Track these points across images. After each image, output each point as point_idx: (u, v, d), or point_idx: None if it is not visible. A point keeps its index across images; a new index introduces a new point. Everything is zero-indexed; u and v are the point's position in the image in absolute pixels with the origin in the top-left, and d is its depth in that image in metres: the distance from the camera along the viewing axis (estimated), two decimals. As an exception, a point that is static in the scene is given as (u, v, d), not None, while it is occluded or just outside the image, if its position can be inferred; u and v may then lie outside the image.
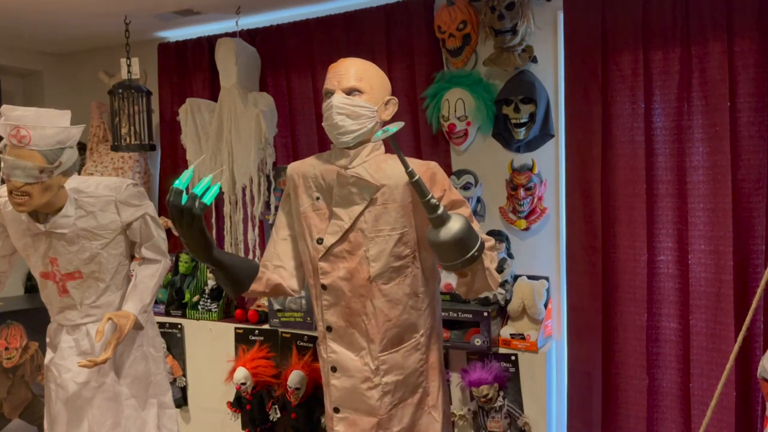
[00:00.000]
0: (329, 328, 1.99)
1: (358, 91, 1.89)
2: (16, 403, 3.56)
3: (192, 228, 1.71)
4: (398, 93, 3.01)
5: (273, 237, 2.09)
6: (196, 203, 1.68)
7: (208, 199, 1.69)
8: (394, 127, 1.65)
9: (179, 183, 1.68)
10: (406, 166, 1.66)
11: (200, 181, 1.71)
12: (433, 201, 1.66)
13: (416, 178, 1.65)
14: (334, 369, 1.99)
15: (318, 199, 1.97)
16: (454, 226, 1.65)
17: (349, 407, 1.99)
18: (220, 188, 1.78)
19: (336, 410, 2.01)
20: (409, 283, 1.95)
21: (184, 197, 1.69)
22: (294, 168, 2.05)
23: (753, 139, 2.48)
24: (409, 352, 1.97)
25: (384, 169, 1.91)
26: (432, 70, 3.06)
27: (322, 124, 1.94)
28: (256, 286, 1.98)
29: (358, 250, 1.91)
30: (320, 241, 1.95)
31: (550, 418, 2.83)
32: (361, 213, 1.90)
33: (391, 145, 1.64)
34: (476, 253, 1.69)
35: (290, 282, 2.05)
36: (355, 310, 1.94)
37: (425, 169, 1.89)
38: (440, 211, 1.66)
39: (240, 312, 3.44)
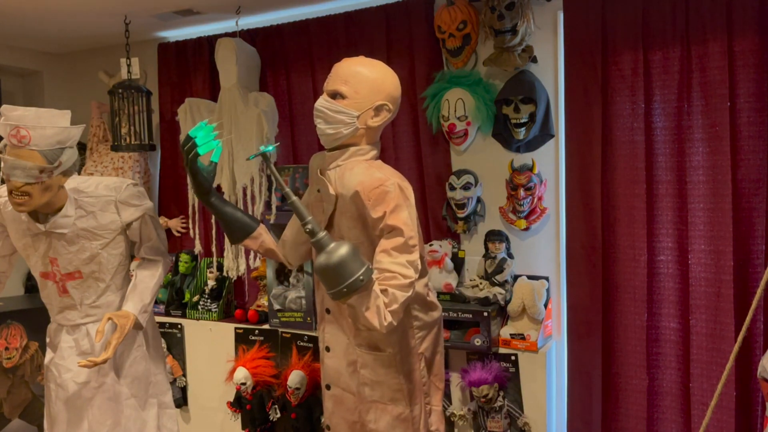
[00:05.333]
0: (328, 311, 2.05)
1: (340, 95, 1.89)
2: (16, 403, 3.56)
3: (187, 165, 1.94)
4: (398, 93, 3.01)
5: None
6: (193, 150, 1.90)
7: (205, 148, 1.90)
8: (267, 148, 1.66)
9: (192, 132, 1.91)
10: (281, 187, 1.68)
11: (207, 136, 1.91)
12: (309, 227, 1.65)
13: (291, 200, 1.66)
14: (328, 349, 2.07)
15: (318, 191, 2.03)
16: (332, 254, 1.63)
17: (338, 385, 2.06)
18: (222, 145, 1.99)
19: (327, 387, 2.09)
20: None
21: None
22: (312, 157, 2.13)
23: (753, 139, 2.48)
24: (382, 362, 1.97)
25: (346, 177, 1.90)
26: (432, 70, 3.06)
27: None
28: (249, 243, 2.16)
29: None
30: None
31: (550, 418, 2.83)
32: (331, 215, 1.95)
33: (266, 165, 1.68)
34: (344, 289, 1.64)
35: (288, 253, 2.21)
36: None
37: (378, 184, 1.82)
38: (318, 236, 1.65)
39: (240, 312, 3.44)
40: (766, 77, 2.44)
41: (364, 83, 1.89)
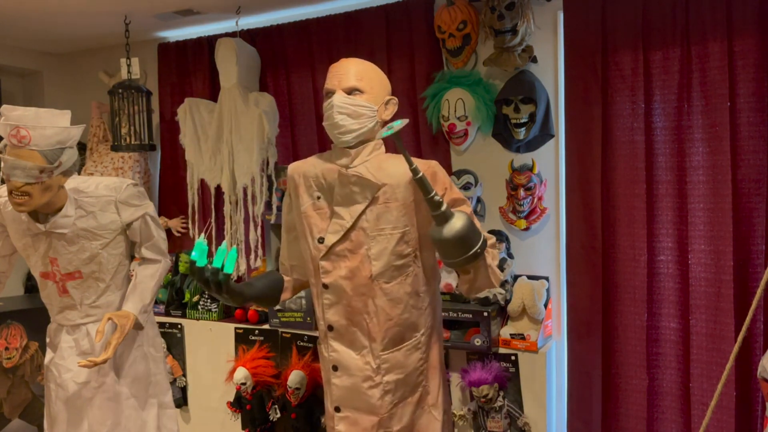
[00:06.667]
0: (330, 327, 2.00)
1: (358, 91, 1.90)
2: (16, 403, 3.56)
3: (223, 293, 1.84)
4: (398, 93, 3.01)
5: (284, 237, 2.16)
6: (220, 275, 1.80)
7: (229, 267, 1.81)
8: (398, 123, 1.67)
9: (198, 261, 1.78)
10: (410, 163, 1.69)
11: (217, 252, 1.81)
12: (437, 198, 1.69)
13: (420, 175, 1.68)
14: (335, 368, 2.00)
15: (319, 198, 1.99)
16: (457, 223, 1.68)
17: (350, 406, 1.99)
18: (237, 251, 1.89)
19: (337, 409, 2.02)
20: (410, 282, 1.95)
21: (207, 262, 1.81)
22: (294, 168, 2.07)
23: (753, 139, 2.48)
24: (409, 351, 1.98)
25: (385, 168, 1.93)
26: (432, 70, 3.06)
27: (323, 123, 1.95)
28: (285, 296, 2.15)
29: (360, 249, 1.92)
30: (321, 240, 1.96)
31: (550, 418, 2.83)
32: (363, 212, 1.92)
33: (395, 141, 1.67)
34: (479, 250, 1.71)
35: (300, 274, 2.16)
36: (356, 309, 1.95)
37: (426, 167, 1.91)
38: (443, 208, 1.68)
39: (240, 312, 3.44)
40: (766, 77, 2.44)
41: (375, 79, 1.95)
